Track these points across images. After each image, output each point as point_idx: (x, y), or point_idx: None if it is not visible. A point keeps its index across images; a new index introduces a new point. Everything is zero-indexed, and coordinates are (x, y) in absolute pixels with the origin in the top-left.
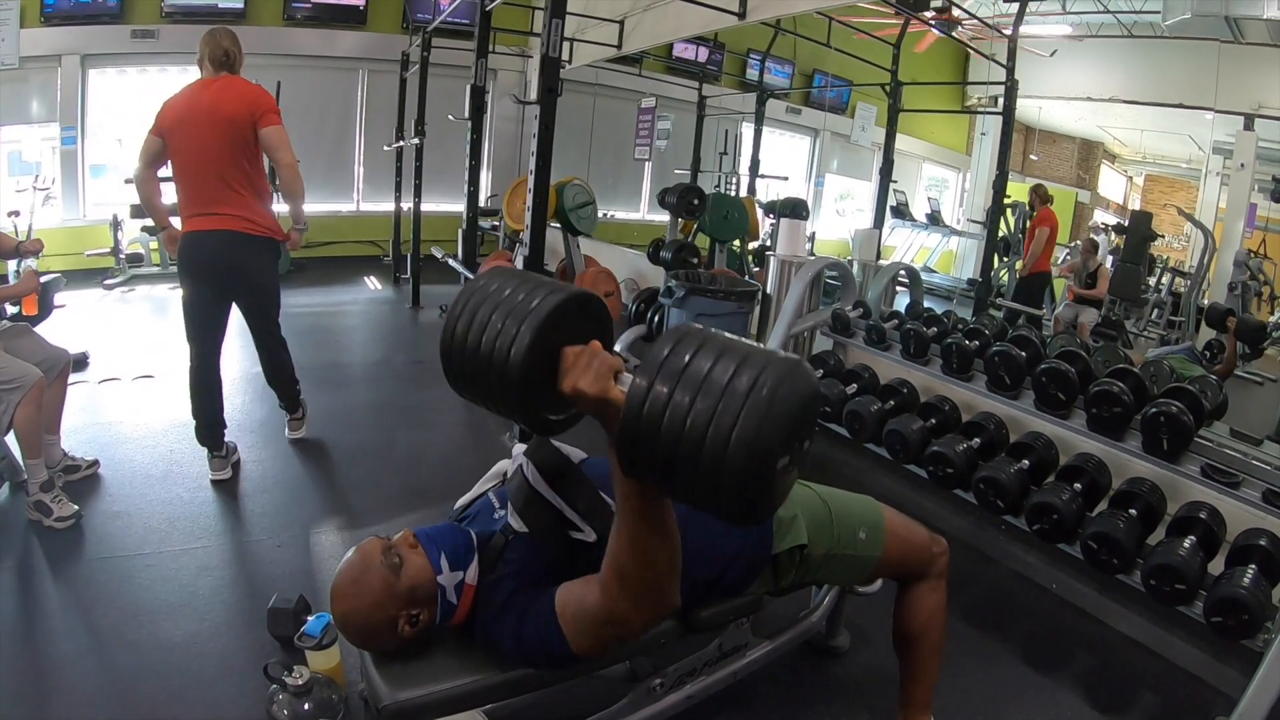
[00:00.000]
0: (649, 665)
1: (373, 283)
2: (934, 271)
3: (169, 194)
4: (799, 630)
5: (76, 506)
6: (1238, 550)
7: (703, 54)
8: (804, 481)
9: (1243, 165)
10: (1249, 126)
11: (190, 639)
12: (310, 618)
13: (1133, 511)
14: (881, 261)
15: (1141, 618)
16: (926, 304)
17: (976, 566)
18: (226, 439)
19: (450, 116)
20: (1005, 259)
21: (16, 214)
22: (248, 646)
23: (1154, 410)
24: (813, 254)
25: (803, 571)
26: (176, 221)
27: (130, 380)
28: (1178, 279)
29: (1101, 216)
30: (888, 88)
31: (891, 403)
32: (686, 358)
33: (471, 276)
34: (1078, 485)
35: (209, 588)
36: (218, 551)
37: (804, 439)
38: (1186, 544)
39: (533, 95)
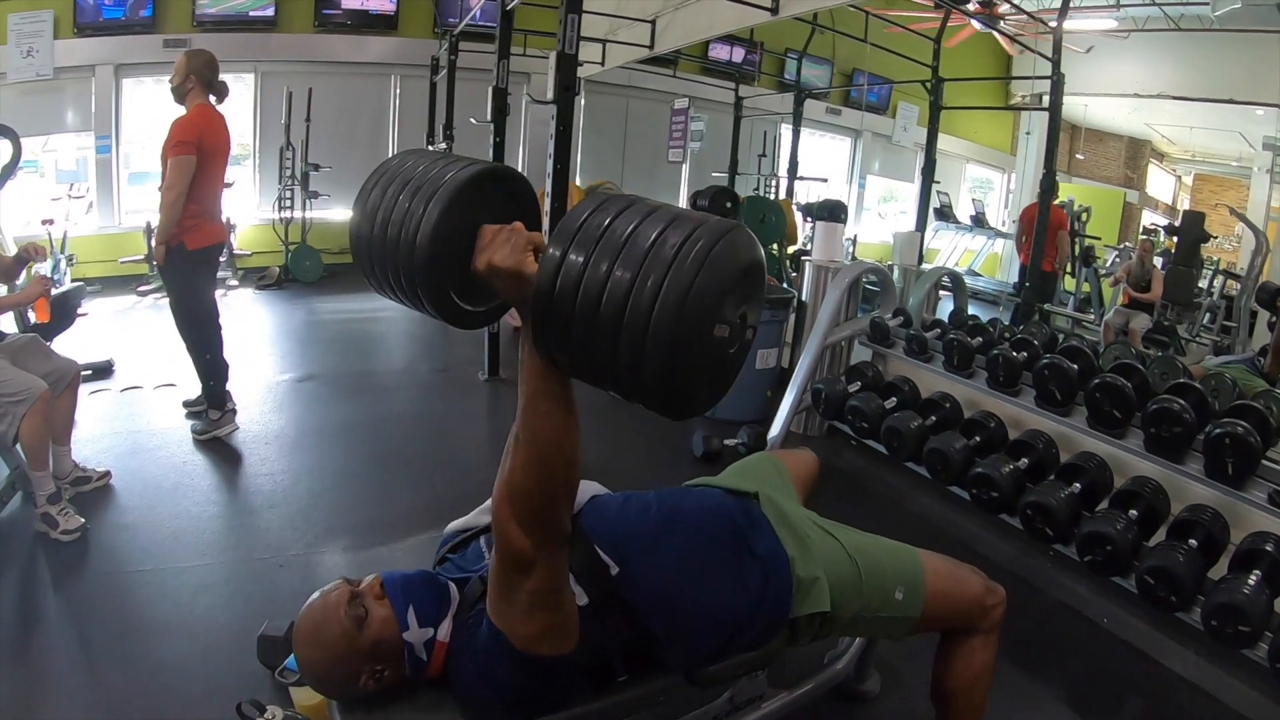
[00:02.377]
0: None
1: None
2: (979, 275)
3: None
4: (823, 679)
5: (83, 519)
6: None
7: (738, 54)
8: (829, 530)
9: None
10: None
11: (181, 660)
12: None
13: (1193, 542)
14: (924, 266)
15: (1199, 656)
16: (971, 309)
17: (1021, 597)
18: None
19: (472, 120)
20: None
21: (50, 222)
22: (236, 672)
23: (1218, 431)
24: (853, 258)
25: (825, 633)
26: None
27: (152, 389)
28: (1230, 281)
29: (1150, 217)
30: (929, 85)
31: (933, 418)
32: (607, 221)
33: None
34: (1133, 512)
35: (205, 607)
36: (219, 569)
37: (745, 313)
38: (1251, 581)
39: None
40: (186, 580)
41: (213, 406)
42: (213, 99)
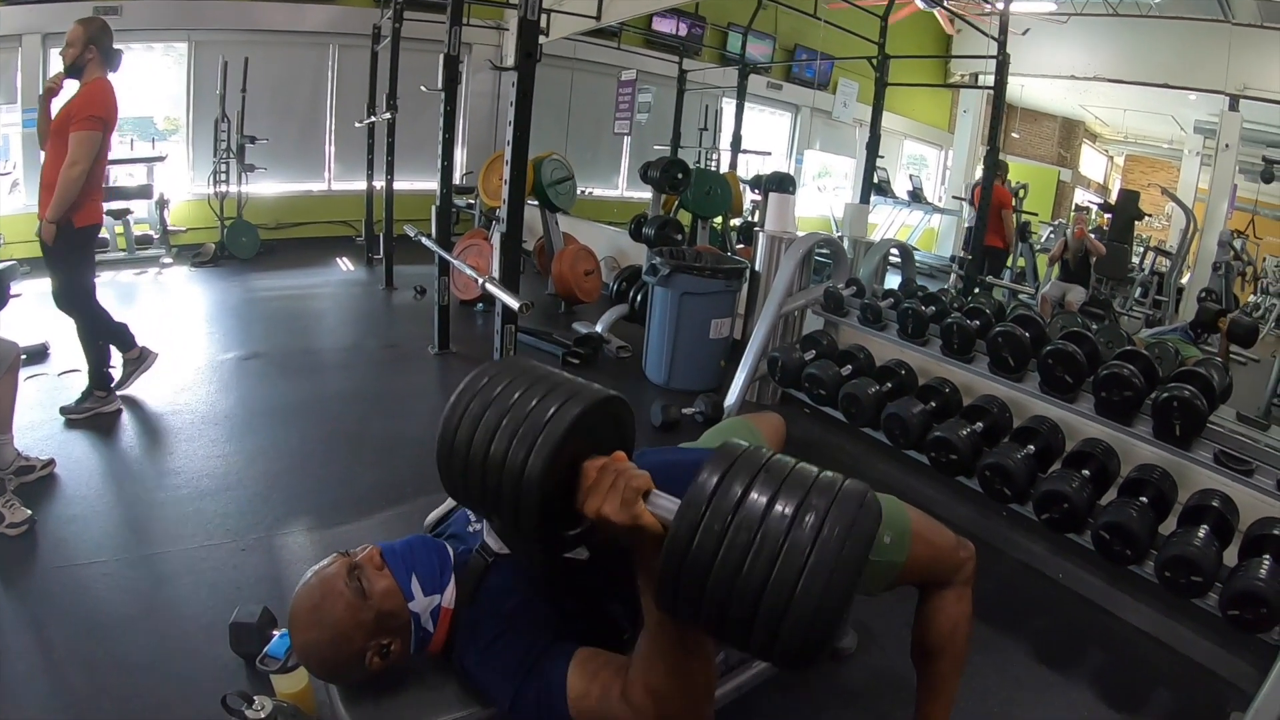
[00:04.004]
0: None
1: (345, 264)
2: (916, 249)
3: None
4: None
5: (29, 511)
6: (1252, 540)
7: (683, 28)
8: None
9: (1227, 146)
10: (1234, 107)
11: (149, 657)
12: (276, 633)
13: (1143, 500)
14: (871, 238)
15: (1151, 609)
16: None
17: (981, 557)
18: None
19: (423, 88)
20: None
21: None
22: (210, 665)
23: (1166, 395)
24: None
25: None
26: None
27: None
28: (1160, 258)
29: (1083, 195)
30: (874, 61)
31: (889, 385)
32: (739, 491)
33: (446, 255)
34: (1086, 472)
35: (168, 599)
36: (178, 557)
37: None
38: (1201, 534)
39: (510, 63)
40: (145, 571)
41: (99, 387)
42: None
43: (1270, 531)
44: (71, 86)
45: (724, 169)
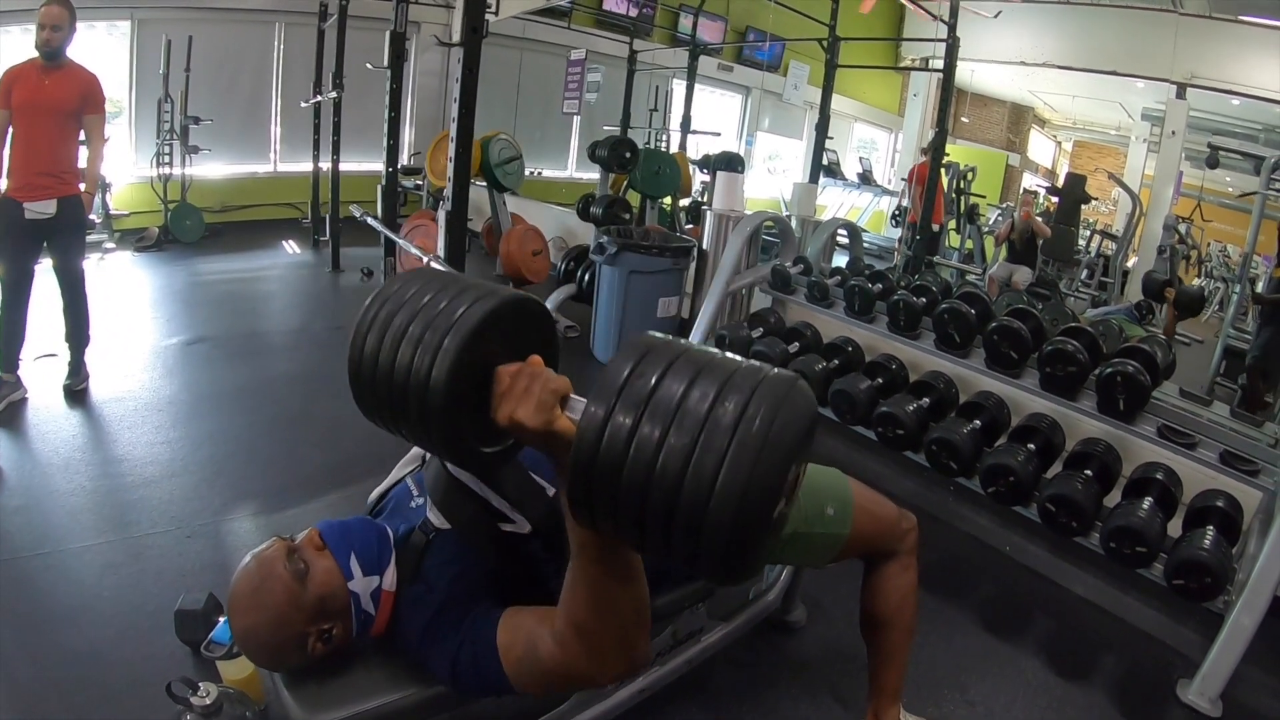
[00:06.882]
0: None
1: (291, 246)
2: (865, 231)
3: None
4: (756, 609)
5: None
6: (1195, 512)
7: (633, 9)
8: None
9: (1173, 133)
10: (1181, 95)
11: (94, 648)
12: (220, 619)
13: (1089, 472)
14: (819, 218)
15: (1097, 579)
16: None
17: (928, 530)
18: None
19: (369, 65)
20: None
21: None
22: (156, 654)
23: (1110, 370)
24: None
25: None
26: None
27: (32, 360)
28: (1106, 241)
29: (1031, 179)
30: (825, 43)
31: (836, 361)
32: (654, 379)
33: (392, 235)
34: (1031, 446)
35: (113, 588)
36: (123, 546)
37: (799, 472)
38: (1146, 505)
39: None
40: (90, 561)
41: (78, 371)
42: None
43: (1213, 503)
44: None
45: (674, 150)
